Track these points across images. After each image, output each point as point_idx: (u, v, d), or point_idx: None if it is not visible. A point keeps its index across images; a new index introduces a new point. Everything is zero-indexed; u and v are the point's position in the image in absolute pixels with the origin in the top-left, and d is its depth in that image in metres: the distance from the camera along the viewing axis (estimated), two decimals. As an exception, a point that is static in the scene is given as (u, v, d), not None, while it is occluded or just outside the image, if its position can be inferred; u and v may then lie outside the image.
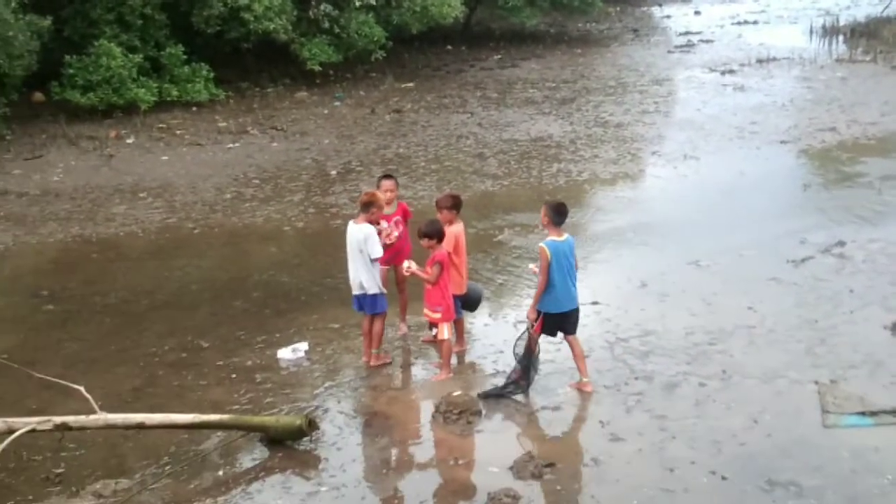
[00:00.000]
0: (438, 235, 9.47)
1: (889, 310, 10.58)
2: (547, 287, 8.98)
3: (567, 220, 9.31)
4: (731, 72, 25.62)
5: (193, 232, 14.81)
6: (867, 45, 28.51)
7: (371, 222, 9.76)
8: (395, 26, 25.41)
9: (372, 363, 9.93)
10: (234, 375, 9.86)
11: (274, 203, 15.96)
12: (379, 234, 9.85)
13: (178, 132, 20.68)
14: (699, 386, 9.13)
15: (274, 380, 9.73)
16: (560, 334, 9.34)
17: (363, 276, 9.73)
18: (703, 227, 13.87)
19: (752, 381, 9.17)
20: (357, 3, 23.90)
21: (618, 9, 38.89)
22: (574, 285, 9.15)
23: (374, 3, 24.24)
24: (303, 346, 10.33)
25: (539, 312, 9.07)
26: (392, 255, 10.33)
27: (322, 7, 23.95)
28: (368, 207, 9.74)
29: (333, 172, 17.62)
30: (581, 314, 9.67)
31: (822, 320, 10.44)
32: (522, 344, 9.22)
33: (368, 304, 9.84)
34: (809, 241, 12.88)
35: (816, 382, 9.04)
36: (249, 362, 10.14)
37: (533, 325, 9.11)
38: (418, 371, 9.97)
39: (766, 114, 20.74)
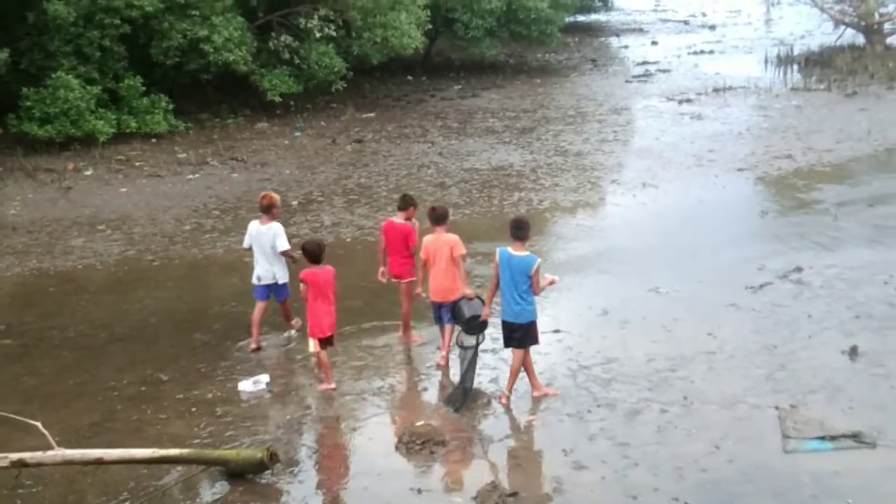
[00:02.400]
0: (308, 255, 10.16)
1: (846, 334, 10.72)
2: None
3: (529, 248, 9.41)
4: (689, 101, 25.93)
5: (153, 264, 14.69)
6: (821, 74, 29.02)
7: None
8: (356, 57, 25.47)
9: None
10: (194, 409, 9.77)
11: (234, 234, 15.85)
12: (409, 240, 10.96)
13: (137, 164, 20.54)
14: (661, 412, 9.18)
15: (235, 412, 9.65)
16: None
17: (276, 269, 11.27)
18: (662, 255, 13.98)
19: (713, 406, 9.24)
20: (317, 35, 23.92)
21: (576, 39, 39.27)
22: (515, 301, 9.33)
23: (335, 34, 24.28)
24: (264, 378, 10.27)
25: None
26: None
27: (282, 38, 23.97)
28: (270, 209, 11.31)
29: (294, 203, 17.57)
30: (543, 341, 9.75)
31: (781, 346, 10.55)
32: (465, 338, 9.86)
33: (279, 292, 11.37)
34: (767, 268, 13.03)
35: (777, 407, 9.13)
36: (210, 395, 10.06)
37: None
38: (381, 402, 9.92)
39: (724, 142, 21.00)
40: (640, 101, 26.68)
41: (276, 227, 11.21)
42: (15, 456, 7.84)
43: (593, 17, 46.19)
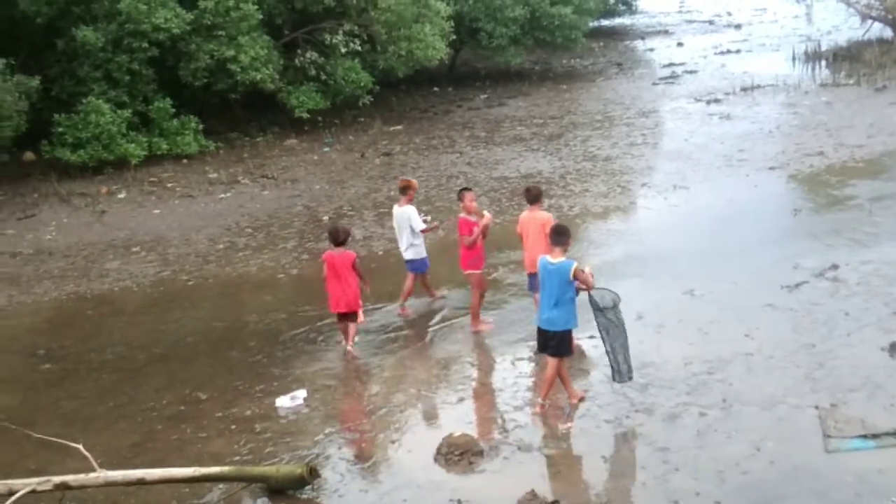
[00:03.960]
0: None
1: (885, 331, 10.60)
2: None
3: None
4: (717, 101, 25.79)
5: (188, 284, 14.82)
6: (850, 69, 28.75)
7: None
8: (382, 71, 25.59)
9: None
10: (233, 426, 9.83)
11: (267, 251, 15.99)
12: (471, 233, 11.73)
13: (168, 185, 20.75)
14: (700, 416, 9.12)
15: (274, 429, 9.71)
16: None
17: (411, 246, 12.47)
18: (695, 257, 13.89)
19: (753, 408, 9.17)
20: (342, 50, 24.08)
21: (601, 44, 39.18)
22: (550, 308, 9.33)
23: (360, 48, 24.42)
24: (301, 394, 10.32)
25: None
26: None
27: (308, 55, 24.15)
28: (406, 191, 12.61)
29: (325, 218, 17.67)
30: (579, 348, 9.72)
31: (820, 344, 10.45)
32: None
33: (416, 267, 12.58)
34: (802, 266, 12.91)
35: (817, 407, 9.04)
36: (248, 412, 10.12)
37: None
38: (418, 413, 9.94)
39: (754, 141, 20.85)
40: (668, 103, 26.57)
41: (409, 210, 12.50)
42: (58, 479, 7.93)
43: (617, 20, 46.03)
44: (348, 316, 11.39)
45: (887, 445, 8.34)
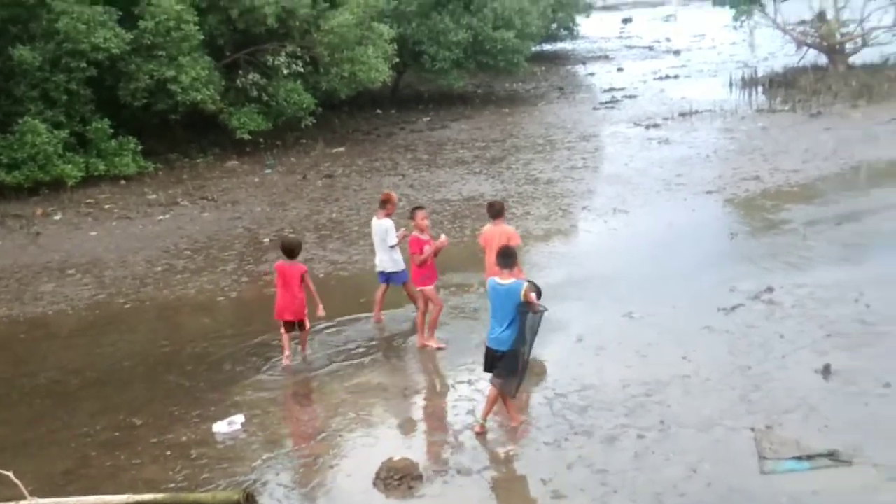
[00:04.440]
0: None
1: (819, 353, 10.78)
2: None
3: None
4: (656, 126, 26.15)
5: (124, 307, 14.58)
6: (786, 95, 29.37)
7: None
8: (324, 92, 25.53)
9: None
10: (168, 452, 9.68)
11: (206, 273, 15.81)
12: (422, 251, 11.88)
13: (106, 206, 20.43)
14: (638, 438, 9.19)
15: (210, 454, 9.57)
16: None
17: (386, 259, 12.45)
18: (635, 280, 14.03)
19: (690, 430, 9.26)
20: (285, 71, 23.98)
21: (543, 68, 39.53)
22: (496, 328, 9.37)
23: (302, 70, 24.34)
24: (239, 419, 10.19)
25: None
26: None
27: (250, 76, 24.01)
28: (385, 204, 12.62)
29: (266, 240, 17.53)
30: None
31: (755, 367, 10.60)
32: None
33: (394, 279, 12.56)
34: (739, 289, 13.10)
35: (752, 429, 9.16)
36: (184, 438, 9.97)
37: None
38: (357, 437, 9.86)
39: (692, 165, 21.17)
40: (608, 127, 26.88)
41: (387, 223, 12.52)
42: (-14, 507, 7.74)
43: (559, 45, 46.55)
44: (294, 325, 11.75)
45: (821, 467, 8.47)
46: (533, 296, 9.36)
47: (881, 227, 15.72)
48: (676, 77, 35.37)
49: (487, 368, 9.68)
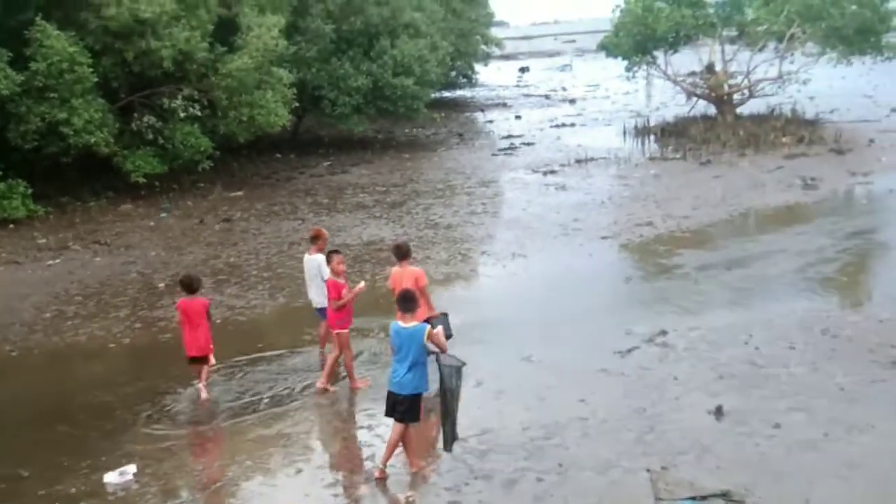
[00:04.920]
0: None
1: (712, 395, 11.03)
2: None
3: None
4: (553, 172, 26.62)
5: (11, 354, 14.07)
6: (677, 144, 30.28)
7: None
8: (222, 136, 25.31)
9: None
10: (57, 505, 9.33)
11: (98, 320, 15.38)
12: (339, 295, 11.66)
13: (-7, 251, 19.77)
14: (537, 481, 9.23)
15: (100, 506, 9.25)
16: None
17: (320, 294, 12.36)
18: (534, 324, 14.16)
19: (588, 472, 9.35)
20: (181, 114, 23.70)
21: (443, 114, 39.99)
22: (402, 373, 9.33)
23: (199, 113, 24.09)
24: (131, 469, 9.89)
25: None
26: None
27: (145, 119, 23.65)
28: (315, 240, 12.86)
29: (161, 285, 17.17)
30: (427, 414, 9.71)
31: (650, 408, 10.78)
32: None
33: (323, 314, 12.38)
34: (634, 332, 13.34)
35: (648, 470, 9.29)
36: (74, 489, 9.63)
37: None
38: (254, 486, 9.67)
39: (588, 211, 21.59)
40: (507, 173, 27.26)
41: (319, 258, 12.58)
42: None
43: (458, 92, 47.24)
44: (200, 360, 11.89)
45: (715, 506, 8.64)
46: (440, 337, 9.40)
47: (769, 272, 16.25)
48: (572, 125, 36.15)
49: (389, 413, 9.61)
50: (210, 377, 12.03)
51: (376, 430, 10.47)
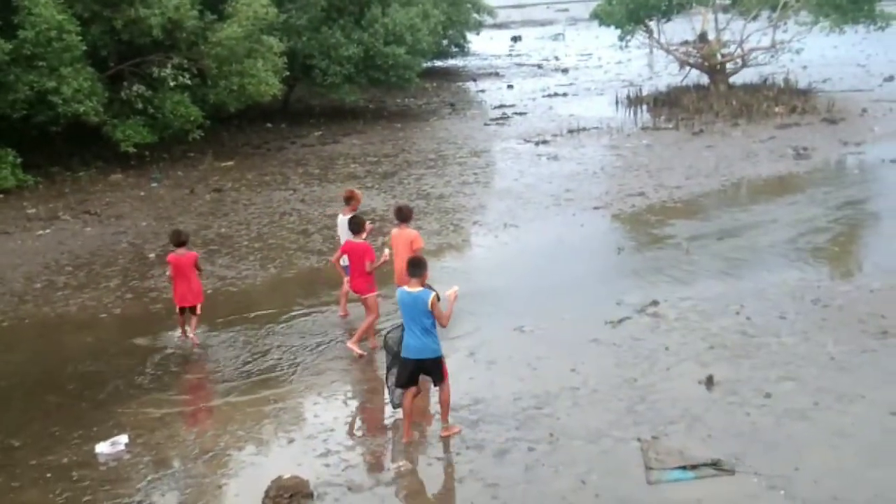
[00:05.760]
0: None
1: (702, 365, 11.08)
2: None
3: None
4: (545, 142, 26.54)
5: (1, 325, 14.03)
6: (669, 113, 30.18)
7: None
8: (212, 105, 25.10)
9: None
10: (49, 475, 9.35)
11: (89, 290, 15.34)
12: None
13: (-18, 221, 19.68)
14: (528, 451, 9.27)
15: (93, 476, 9.29)
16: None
17: None
18: (526, 294, 14.18)
19: (579, 441, 9.39)
20: (171, 83, 23.51)
21: (434, 84, 39.76)
22: (414, 337, 9.45)
23: (189, 82, 23.90)
24: (122, 439, 9.91)
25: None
26: None
27: (135, 88, 23.47)
28: (350, 201, 13.19)
29: (152, 255, 17.11)
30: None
31: (641, 378, 10.82)
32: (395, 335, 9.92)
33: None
34: (626, 302, 13.37)
35: (639, 439, 9.34)
36: (66, 459, 9.65)
37: None
38: (246, 456, 9.69)
39: (580, 181, 21.54)
40: (499, 143, 27.17)
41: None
42: None
43: (450, 62, 46.94)
44: (191, 309, 12.67)
45: (705, 476, 8.69)
46: (439, 308, 9.48)
47: (761, 242, 16.27)
48: (565, 95, 35.98)
49: (407, 383, 9.61)
50: (199, 326, 12.70)
51: (369, 401, 10.49)
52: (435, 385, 9.81)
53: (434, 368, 9.60)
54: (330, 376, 11.58)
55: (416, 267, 9.64)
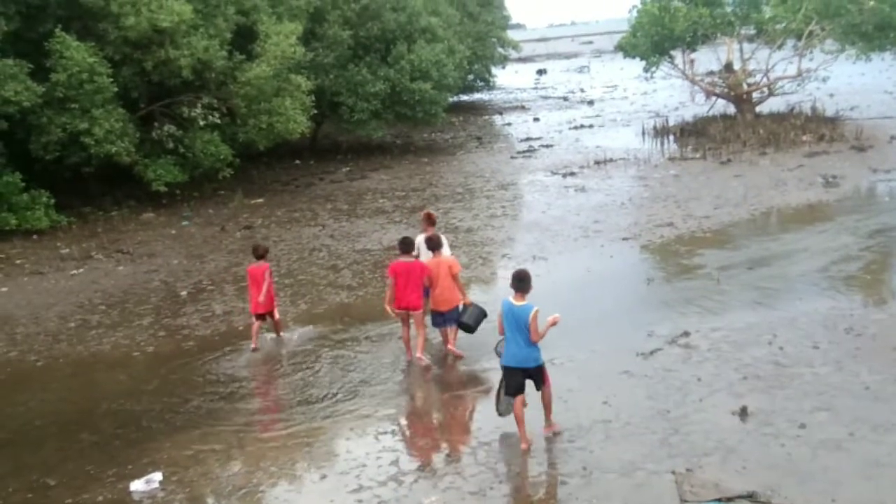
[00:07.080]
0: None
1: (736, 396, 10.99)
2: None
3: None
4: (572, 174, 26.59)
5: (36, 364, 14.19)
6: (696, 143, 30.18)
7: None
8: (242, 143, 25.44)
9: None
10: (84, 513, 9.39)
11: (122, 329, 15.49)
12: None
13: (17, 262, 19.95)
14: (562, 484, 9.21)
15: (127, 515, 9.32)
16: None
17: None
18: (556, 326, 14.10)
19: (612, 475, 9.32)
20: (201, 123, 23.85)
21: (461, 118, 40.05)
22: (517, 347, 10.03)
23: (219, 121, 24.24)
24: (157, 476, 9.95)
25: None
26: None
27: (165, 128, 23.82)
28: (430, 219, 13.78)
29: (184, 293, 17.27)
30: (440, 417, 9.72)
31: (674, 410, 10.74)
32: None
33: None
34: (657, 333, 13.31)
35: (673, 472, 9.26)
36: (100, 497, 9.70)
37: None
38: (280, 492, 9.71)
39: (608, 213, 21.54)
40: (526, 175, 27.24)
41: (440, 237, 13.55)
42: None
43: (476, 96, 47.28)
44: (263, 315, 13.99)
45: (740, 508, 8.61)
46: (549, 322, 10.09)
47: (791, 271, 16.17)
48: (591, 126, 36.08)
49: (514, 391, 10.10)
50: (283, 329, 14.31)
51: (399, 434, 10.48)
52: (537, 389, 10.24)
53: (536, 375, 10.16)
54: (360, 412, 11.58)
55: (522, 281, 10.18)
